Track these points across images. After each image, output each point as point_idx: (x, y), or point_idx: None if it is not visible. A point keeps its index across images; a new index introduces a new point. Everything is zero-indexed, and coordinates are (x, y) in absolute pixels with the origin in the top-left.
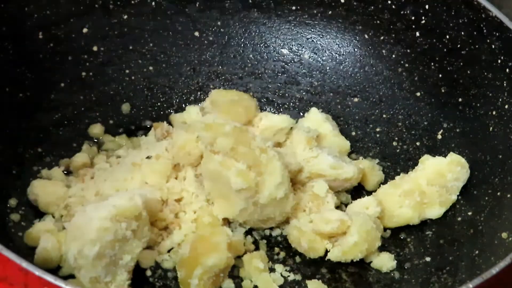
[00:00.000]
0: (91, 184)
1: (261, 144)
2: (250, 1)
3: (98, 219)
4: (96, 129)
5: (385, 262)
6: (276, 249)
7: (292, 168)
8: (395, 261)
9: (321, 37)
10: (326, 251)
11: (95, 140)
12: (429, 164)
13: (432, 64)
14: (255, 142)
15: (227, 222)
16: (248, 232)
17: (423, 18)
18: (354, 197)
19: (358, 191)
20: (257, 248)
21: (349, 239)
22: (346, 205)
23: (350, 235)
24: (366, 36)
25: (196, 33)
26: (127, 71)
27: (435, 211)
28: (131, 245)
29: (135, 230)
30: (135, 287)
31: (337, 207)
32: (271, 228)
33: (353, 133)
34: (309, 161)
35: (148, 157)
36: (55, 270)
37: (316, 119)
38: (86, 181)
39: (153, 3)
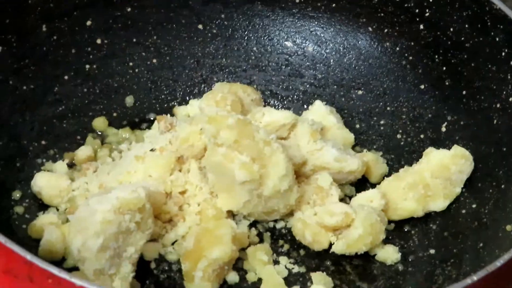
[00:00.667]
0: (94, 177)
1: (264, 137)
2: None
3: (102, 211)
4: (100, 122)
5: (389, 254)
6: (280, 242)
7: (296, 160)
8: (400, 254)
9: (325, 30)
10: (330, 244)
11: (99, 133)
12: (433, 157)
13: (436, 57)
14: (258, 134)
15: (231, 214)
16: (252, 224)
17: (427, 11)
18: (358, 190)
19: (362, 183)
20: (261, 241)
21: (354, 232)
22: (350, 198)
23: (355, 228)
24: (370, 29)
25: (200, 26)
26: (130, 63)
27: (439, 204)
28: (134, 237)
29: (139, 222)
30: (139, 280)
31: (341, 200)
32: (275, 221)
33: (357, 126)
34: (313, 153)
35: (152, 150)
36: (59, 262)
37: (320, 112)
38: (90, 174)
39: None
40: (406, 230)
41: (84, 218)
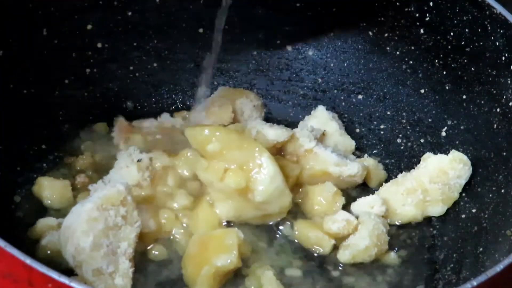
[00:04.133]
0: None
1: (250, 141)
2: None
3: (85, 211)
4: (100, 126)
5: (390, 260)
6: (280, 247)
7: (293, 172)
8: (400, 259)
9: (325, 34)
10: (332, 249)
11: (99, 138)
12: (431, 162)
13: (436, 61)
14: (243, 140)
15: (228, 222)
16: (252, 230)
17: (427, 15)
18: (358, 195)
19: (361, 188)
20: (260, 246)
21: (360, 242)
22: (349, 203)
23: (362, 238)
24: (370, 33)
25: (200, 30)
26: (131, 67)
27: (438, 209)
28: (124, 231)
29: (125, 216)
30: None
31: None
32: (276, 225)
33: (357, 130)
34: (314, 158)
35: (138, 160)
36: (59, 266)
37: (322, 117)
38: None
39: (157, 0)
40: (406, 234)
41: (71, 225)
